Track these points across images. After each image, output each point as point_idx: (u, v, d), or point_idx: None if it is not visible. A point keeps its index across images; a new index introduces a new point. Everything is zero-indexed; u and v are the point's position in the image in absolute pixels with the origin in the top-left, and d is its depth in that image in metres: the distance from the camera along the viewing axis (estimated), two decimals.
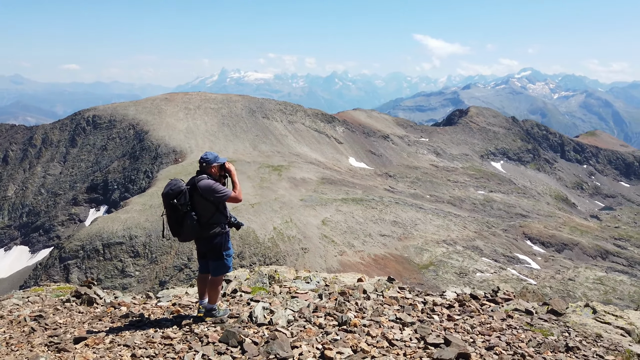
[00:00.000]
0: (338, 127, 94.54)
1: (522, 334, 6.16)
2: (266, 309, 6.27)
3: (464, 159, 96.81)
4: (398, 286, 8.30)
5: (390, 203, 62.86)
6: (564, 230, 67.87)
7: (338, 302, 6.72)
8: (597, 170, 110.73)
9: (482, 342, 5.69)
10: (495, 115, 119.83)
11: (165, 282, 41.15)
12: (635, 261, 61.92)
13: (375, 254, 49.66)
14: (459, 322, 6.31)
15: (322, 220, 52.96)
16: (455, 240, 56.70)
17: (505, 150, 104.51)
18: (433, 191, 78.18)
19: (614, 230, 74.04)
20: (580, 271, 52.88)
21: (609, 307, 8.45)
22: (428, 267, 48.74)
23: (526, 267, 54.31)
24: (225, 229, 6.28)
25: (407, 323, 6.04)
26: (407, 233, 56.11)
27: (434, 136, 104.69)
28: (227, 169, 6.28)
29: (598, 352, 6.02)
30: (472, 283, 45.11)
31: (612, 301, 45.08)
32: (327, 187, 63.88)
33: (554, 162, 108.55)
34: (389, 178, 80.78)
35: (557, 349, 5.80)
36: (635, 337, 7.22)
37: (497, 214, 72.99)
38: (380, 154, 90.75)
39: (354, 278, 9.09)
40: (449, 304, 7.24)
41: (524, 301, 8.26)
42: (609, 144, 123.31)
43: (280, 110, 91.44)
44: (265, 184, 59.51)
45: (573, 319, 7.27)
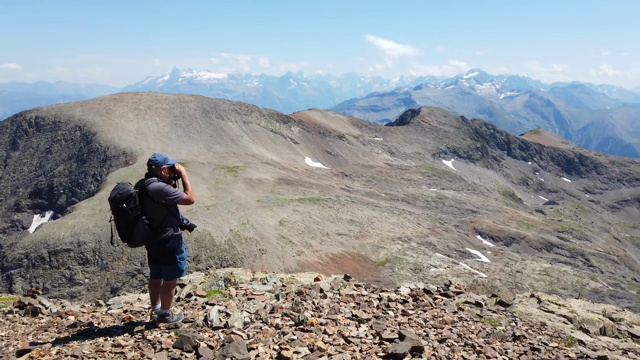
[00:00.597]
0: (294, 127, 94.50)
1: (472, 325, 6.40)
2: (222, 312, 6.20)
3: (417, 158, 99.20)
4: (354, 284, 8.42)
5: (346, 202, 63.47)
6: (511, 224, 70.87)
7: (295, 302, 6.74)
8: (541, 166, 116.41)
9: (434, 335, 5.87)
10: (446, 114, 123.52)
11: (117, 288, 39.69)
12: (577, 252, 65.57)
13: (333, 252, 49.99)
14: (412, 317, 6.48)
15: (279, 220, 52.75)
16: (410, 237, 57.98)
17: (455, 148, 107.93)
18: (388, 189, 79.61)
19: (557, 223, 78.12)
20: (527, 263, 55.42)
21: (552, 297, 8.93)
22: (384, 264, 49.57)
23: (477, 261, 56.30)
24: (177, 232, 6.15)
25: (363, 320, 6.14)
26: (363, 231, 56.83)
27: (388, 136, 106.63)
28: (178, 171, 6.15)
29: (543, 339, 6.34)
30: (427, 278, 46.29)
31: (557, 291, 47.53)
32: (284, 188, 63.70)
33: (501, 159, 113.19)
34: (345, 177, 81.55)
35: (505, 338, 6.07)
36: (576, 324, 7.66)
37: (449, 210, 75.26)
38: (336, 153, 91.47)
39: (311, 277, 9.14)
40: (403, 299, 7.42)
41: (474, 294, 8.58)
42: (552, 141, 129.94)
43: (235, 110, 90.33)
44: (220, 186, 58.60)
45: (520, 309, 7.63)
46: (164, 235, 6.00)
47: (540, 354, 5.69)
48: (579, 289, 49.21)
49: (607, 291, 51.29)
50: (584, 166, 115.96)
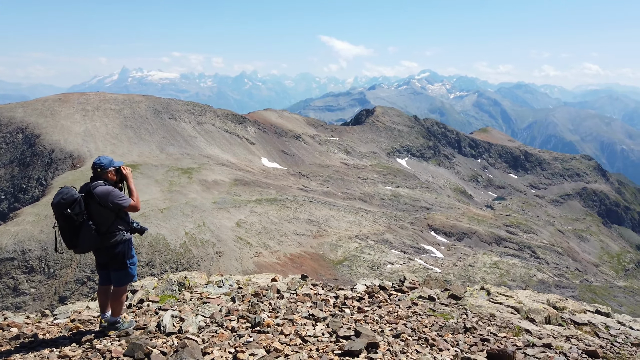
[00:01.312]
0: (249, 127, 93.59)
1: (426, 319, 6.57)
2: (175, 317, 6.05)
3: (372, 157, 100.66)
4: (311, 283, 8.44)
5: (304, 202, 63.52)
6: (463, 220, 73.26)
7: (251, 303, 6.67)
8: (490, 163, 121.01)
9: (389, 330, 5.98)
10: (399, 114, 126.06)
11: (66, 297, 37.91)
12: (525, 245, 68.66)
13: (291, 253, 49.91)
14: (368, 313, 6.58)
15: (236, 222, 52.10)
16: (366, 235, 58.76)
17: (409, 147, 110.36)
18: (345, 188, 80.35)
19: (506, 218, 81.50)
20: (479, 257, 57.48)
21: (501, 289, 9.30)
22: (342, 263, 49.99)
23: (431, 257, 57.82)
24: (127, 236, 5.94)
25: (320, 318, 6.17)
26: (321, 230, 57.07)
27: (344, 135, 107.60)
28: (124, 174, 5.93)
29: (492, 330, 6.59)
30: (384, 275, 47.09)
31: (507, 283, 49.57)
32: (240, 189, 62.97)
33: (452, 157, 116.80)
34: (302, 177, 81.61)
35: (457, 330, 6.27)
36: (523, 314, 8.01)
37: (404, 207, 76.87)
38: (293, 153, 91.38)
39: (268, 278, 9.08)
40: (359, 296, 7.51)
41: (427, 288, 8.81)
42: (499, 139, 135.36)
43: (189, 110, 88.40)
44: (174, 188, 57.18)
45: (470, 302, 7.90)
46: (113, 240, 5.79)
47: (490, 344, 5.92)
48: (527, 281, 51.54)
49: (552, 281, 53.99)
50: (529, 163, 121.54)
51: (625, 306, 51.73)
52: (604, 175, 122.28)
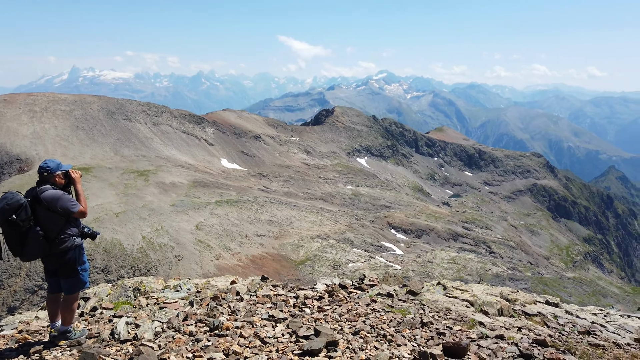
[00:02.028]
0: (208, 128, 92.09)
1: (384, 315, 6.69)
2: (130, 323, 5.89)
3: (332, 157, 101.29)
4: (272, 284, 8.42)
5: (265, 203, 63.15)
6: (421, 217, 74.94)
7: (210, 307, 6.59)
8: (446, 162, 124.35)
9: (349, 328, 6.06)
10: (358, 114, 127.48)
11: (16, 308, 36.05)
12: (480, 240, 71.01)
13: (253, 254, 49.49)
14: (328, 312, 6.63)
15: (195, 225, 51.13)
16: (328, 235, 59.07)
17: (368, 147, 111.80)
18: (305, 188, 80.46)
19: (462, 214, 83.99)
20: (437, 253, 58.97)
21: (456, 283, 9.59)
22: (304, 263, 50.04)
23: (392, 254, 58.82)
24: (78, 242, 5.72)
25: (280, 319, 6.17)
26: (283, 231, 56.90)
27: (304, 135, 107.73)
28: (72, 178, 5.70)
29: (448, 324, 6.79)
30: (346, 274, 47.49)
31: (464, 277, 51.10)
32: (199, 191, 61.86)
33: (410, 156, 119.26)
34: (263, 178, 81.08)
35: (414, 325, 6.42)
36: (477, 307, 8.29)
37: (364, 206, 77.81)
38: (253, 154, 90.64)
39: (228, 281, 8.98)
40: (319, 295, 7.56)
41: (386, 285, 8.97)
42: (454, 138, 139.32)
43: (144, 111, 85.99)
44: (130, 191, 55.49)
45: (427, 297, 8.11)
46: (63, 246, 5.56)
47: (446, 338, 6.10)
48: (483, 275, 53.31)
49: (506, 275, 56.09)
50: (483, 160, 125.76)
51: (574, 296, 54.44)
52: (553, 171, 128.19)
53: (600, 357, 7.31)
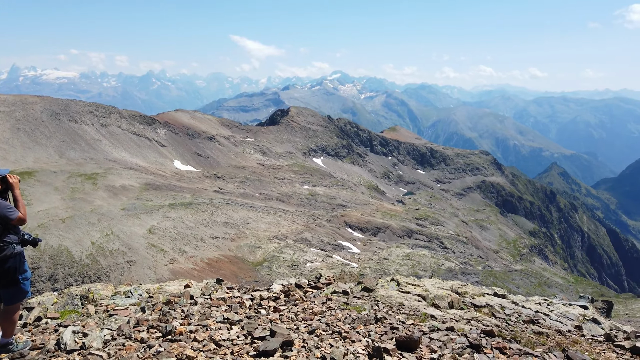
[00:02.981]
0: (159, 129, 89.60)
1: (339, 313, 6.78)
2: (78, 332, 5.66)
3: (288, 157, 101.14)
4: (227, 286, 8.33)
5: (220, 204, 62.21)
6: (377, 215, 76.19)
7: (162, 312, 6.44)
8: (399, 160, 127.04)
9: (304, 327, 6.10)
10: (314, 114, 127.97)
11: None
12: (433, 237, 73.03)
13: (209, 257, 48.63)
14: (284, 312, 6.65)
15: (148, 228, 49.64)
16: (285, 235, 58.94)
17: (324, 146, 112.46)
18: (262, 189, 79.90)
19: (416, 212, 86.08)
20: (392, 250, 60.14)
21: (409, 279, 9.84)
22: (262, 264, 49.70)
23: (349, 252, 59.45)
24: (18, 250, 5.43)
25: (235, 322, 6.12)
26: (239, 233, 56.26)
27: (259, 136, 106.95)
28: (10, 183, 5.39)
29: (401, 318, 6.97)
30: (304, 273, 47.57)
31: (418, 273, 52.39)
32: (151, 193, 60.11)
33: (365, 155, 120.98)
34: (218, 179, 79.83)
35: (369, 321, 6.55)
36: (429, 301, 8.54)
37: (321, 206, 78.22)
38: (207, 155, 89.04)
39: (181, 285, 8.81)
40: (275, 296, 7.56)
41: (342, 283, 9.08)
42: (407, 137, 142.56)
43: (91, 112, 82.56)
44: (77, 195, 53.14)
45: (381, 293, 8.28)
46: (2, 254, 5.28)
47: (399, 332, 6.26)
48: (436, 270, 54.87)
49: (459, 269, 57.98)
50: (435, 159, 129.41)
51: (521, 288, 57.01)
52: (500, 168, 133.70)
53: (543, 344, 7.71)
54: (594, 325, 11.17)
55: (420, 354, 5.69)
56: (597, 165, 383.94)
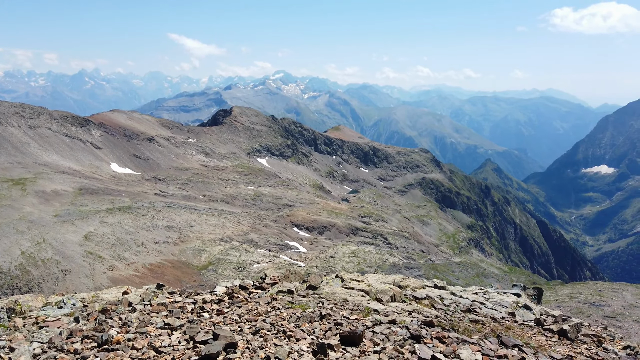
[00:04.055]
0: (94, 130, 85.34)
1: (284, 312, 6.79)
2: (3, 347, 5.30)
3: (232, 158, 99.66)
4: (168, 291, 8.10)
5: (162, 208, 60.25)
6: (323, 214, 76.81)
7: (98, 321, 6.16)
8: (343, 159, 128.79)
9: (249, 328, 6.06)
10: (257, 114, 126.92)
11: None
12: (378, 233, 74.66)
13: (151, 262, 46.97)
14: (228, 315, 6.56)
15: (84, 235, 47.17)
16: (231, 237, 58.07)
17: (268, 146, 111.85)
18: (206, 191, 78.21)
19: (360, 209, 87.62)
20: (338, 248, 60.87)
21: (353, 275, 10.01)
22: (207, 267, 48.69)
23: (296, 252, 59.53)
24: None
25: (176, 327, 5.97)
26: (183, 236, 54.78)
27: (202, 136, 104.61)
28: None
29: (345, 314, 7.08)
30: (250, 275, 47.10)
31: (364, 269, 53.36)
32: (87, 198, 57.17)
33: (310, 155, 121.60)
34: (159, 182, 77.24)
35: (313, 319, 6.61)
36: (372, 295, 8.74)
37: (267, 206, 77.75)
38: (147, 157, 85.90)
39: (119, 292, 8.46)
40: (219, 299, 7.44)
41: (287, 282, 9.10)
42: (350, 136, 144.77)
43: (17, 113, 77.21)
44: (4, 202, 49.55)
45: (326, 290, 8.37)
46: None
47: (343, 327, 6.36)
48: (381, 265, 56.14)
49: (402, 264, 59.66)
50: (377, 157, 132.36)
51: (461, 279, 59.55)
52: (438, 165, 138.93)
53: (479, 332, 8.11)
54: (526, 312, 11.89)
55: (364, 348, 5.81)
56: (527, 160, 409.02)
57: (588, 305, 38.71)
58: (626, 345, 10.31)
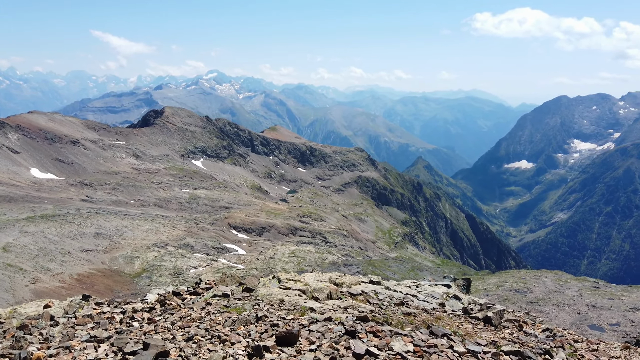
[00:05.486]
0: (11, 133, 79.04)
1: (219, 316, 6.69)
2: None
3: (165, 160, 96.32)
4: (95, 302, 7.71)
5: (90, 214, 57.05)
6: (261, 215, 76.24)
7: (16, 338, 5.74)
8: (281, 160, 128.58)
9: (182, 335, 5.91)
10: (191, 115, 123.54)
11: None
12: (316, 232, 75.28)
13: (79, 272, 44.28)
14: (159, 322, 6.36)
15: (2, 247, 43.58)
16: (166, 242, 56.13)
17: (203, 148, 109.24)
18: (137, 195, 74.98)
19: (299, 209, 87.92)
20: (278, 249, 60.70)
21: (290, 275, 10.06)
22: (141, 275, 46.73)
23: (234, 255, 58.64)
24: None
25: (103, 339, 5.70)
26: (113, 243, 52.18)
27: (132, 138, 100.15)
28: None
29: (281, 315, 7.11)
30: (187, 280, 45.77)
31: (304, 269, 53.59)
32: (4, 207, 52.90)
33: (247, 155, 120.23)
34: (85, 187, 73.01)
35: (249, 321, 6.57)
36: (309, 294, 8.82)
37: (204, 209, 75.95)
38: (71, 161, 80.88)
39: (40, 305, 7.92)
40: (150, 307, 7.19)
41: (223, 286, 8.97)
42: (287, 137, 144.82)
43: None
44: None
45: (262, 292, 8.35)
46: None
47: (279, 328, 6.38)
48: (321, 264, 56.67)
49: (341, 261, 60.59)
50: (315, 157, 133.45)
51: (397, 273, 61.48)
52: (374, 164, 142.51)
53: (411, 323, 8.45)
54: (455, 302, 12.52)
55: (300, 347, 5.87)
56: (455, 157, 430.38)
57: (513, 293, 41.47)
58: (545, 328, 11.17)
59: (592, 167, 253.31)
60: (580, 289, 41.15)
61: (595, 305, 35.47)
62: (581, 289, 41.16)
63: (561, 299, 37.82)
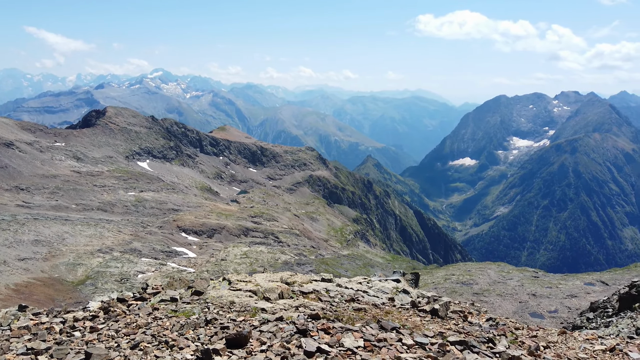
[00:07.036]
0: None
1: (167, 321, 6.52)
2: None
3: (108, 162, 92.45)
4: (32, 313, 7.29)
5: (27, 220, 53.86)
6: (212, 217, 74.85)
7: None
8: (231, 160, 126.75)
9: (127, 342, 5.71)
10: (135, 115, 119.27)
11: None
12: (269, 232, 74.85)
13: (16, 282, 41.71)
14: (103, 331, 6.12)
15: None
16: (111, 247, 53.94)
17: (149, 149, 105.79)
18: (79, 199, 71.52)
19: (250, 209, 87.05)
20: (230, 250, 59.84)
21: (241, 276, 9.96)
22: (85, 282, 44.66)
23: (184, 258, 57.25)
24: None
25: (41, 350, 5.41)
26: (54, 250, 49.55)
27: (71, 140, 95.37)
28: None
29: (232, 316, 7.02)
30: (135, 286, 44.19)
31: (257, 270, 53.10)
32: None
33: (195, 156, 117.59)
34: (21, 192, 68.79)
35: (198, 325, 6.44)
36: (260, 295, 8.77)
37: (151, 212, 73.59)
38: (5, 165, 75.90)
39: None
40: (92, 315, 6.90)
41: (171, 290, 8.74)
42: (237, 137, 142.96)
43: None
44: None
45: (212, 294, 8.21)
46: None
47: (229, 330, 6.31)
48: (274, 264, 56.41)
49: (294, 261, 60.58)
50: (265, 157, 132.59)
51: (349, 271, 62.24)
52: (325, 163, 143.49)
53: (362, 319, 8.60)
54: (404, 296, 12.85)
55: (250, 348, 5.83)
56: (402, 155, 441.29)
57: (460, 285, 43.09)
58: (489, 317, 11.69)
59: (530, 163, 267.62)
60: (521, 279, 43.38)
61: (535, 294, 37.53)
62: (522, 279, 43.41)
63: (504, 289, 39.71)
